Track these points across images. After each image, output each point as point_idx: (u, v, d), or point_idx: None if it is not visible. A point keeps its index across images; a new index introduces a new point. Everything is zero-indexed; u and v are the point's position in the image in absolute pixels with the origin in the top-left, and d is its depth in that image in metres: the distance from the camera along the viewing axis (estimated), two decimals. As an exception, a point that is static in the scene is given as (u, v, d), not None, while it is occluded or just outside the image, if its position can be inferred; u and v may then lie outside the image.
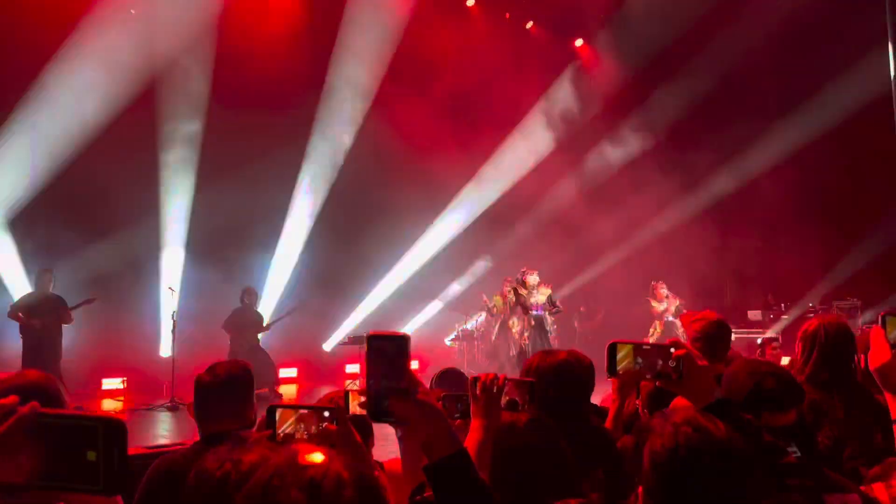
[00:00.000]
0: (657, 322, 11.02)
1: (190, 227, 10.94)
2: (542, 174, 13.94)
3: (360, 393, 1.25)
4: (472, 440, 1.73)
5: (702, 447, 1.30)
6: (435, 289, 13.60)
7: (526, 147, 13.95)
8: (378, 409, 1.23)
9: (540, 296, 10.31)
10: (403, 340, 1.24)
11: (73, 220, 9.61)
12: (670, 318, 10.80)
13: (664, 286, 11.20)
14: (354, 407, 2.06)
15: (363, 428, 2.42)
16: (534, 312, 10.28)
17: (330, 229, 12.16)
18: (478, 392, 1.82)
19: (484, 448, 1.71)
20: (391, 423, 1.26)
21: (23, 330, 8.27)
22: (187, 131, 10.72)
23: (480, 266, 13.68)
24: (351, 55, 11.91)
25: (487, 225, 13.67)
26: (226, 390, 2.50)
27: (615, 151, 14.05)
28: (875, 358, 1.81)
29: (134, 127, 9.99)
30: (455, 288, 13.74)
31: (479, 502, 1.26)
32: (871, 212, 12.44)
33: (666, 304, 11.03)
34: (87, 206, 9.82)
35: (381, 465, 2.19)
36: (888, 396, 1.81)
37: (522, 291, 10.33)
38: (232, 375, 2.53)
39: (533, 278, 10.35)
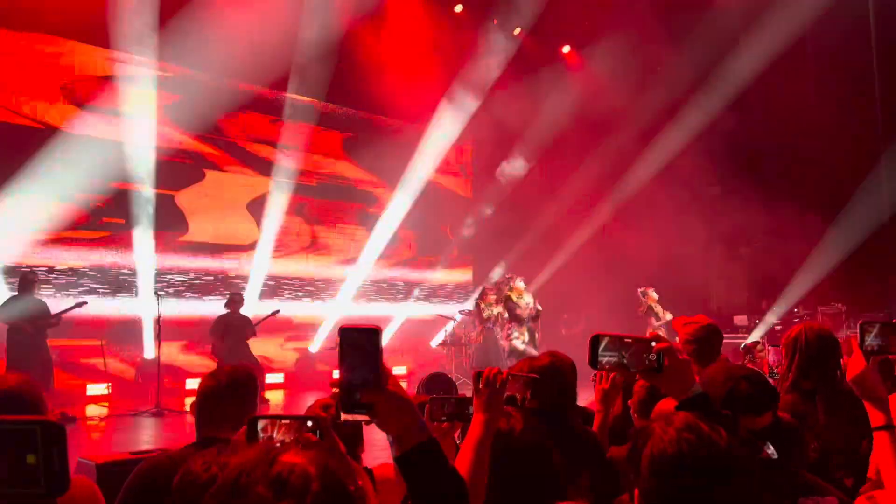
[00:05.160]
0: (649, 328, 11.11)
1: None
2: (524, 179, 14.08)
3: (333, 385, 1.25)
4: (473, 434, 1.73)
5: (705, 455, 1.30)
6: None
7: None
8: (350, 401, 1.23)
9: (529, 297, 10.34)
10: (375, 332, 1.24)
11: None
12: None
13: (652, 290, 11.39)
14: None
15: (353, 435, 2.42)
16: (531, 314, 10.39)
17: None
18: (481, 386, 1.82)
19: (485, 442, 1.71)
20: (363, 415, 1.26)
21: (10, 335, 8.13)
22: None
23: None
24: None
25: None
26: (228, 395, 2.47)
27: (601, 157, 14.12)
28: (851, 368, 1.83)
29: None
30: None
31: (450, 490, 1.27)
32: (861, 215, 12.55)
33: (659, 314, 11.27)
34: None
35: (370, 471, 2.18)
36: (867, 405, 1.82)
37: (515, 298, 10.32)
38: (234, 380, 2.50)
39: (520, 283, 10.36)
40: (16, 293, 8.56)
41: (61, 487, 0.94)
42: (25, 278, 8.53)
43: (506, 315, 10.67)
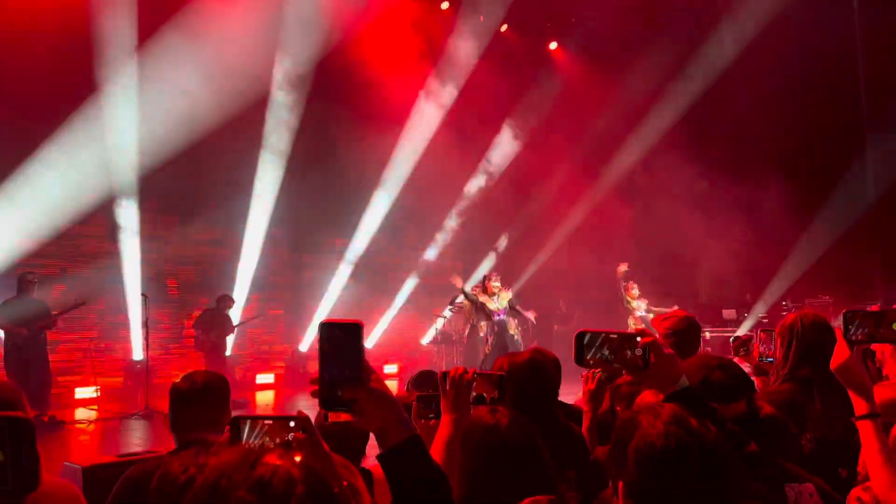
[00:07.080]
0: (632, 319, 11.03)
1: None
2: (515, 174, 14.08)
3: (313, 382, 1.23)
4: (442, 434, 1.74)
5: (692, 449, 1.29)
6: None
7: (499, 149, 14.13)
8: (331, 398, 1.22)
9: (501, 301, 10.23)
10: (357, 328, 1.22)
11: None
12: (643, 313, 10.84)
13: (636, 286, 11.23)
14: (338, 415, 2.05)
15: (360, 436, 2.42)
16: (497, 318, 10.19)
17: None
18: (447, 387, 1.82)
19: (454, 441, 1.71)
20: (345, 412, 1.24)
21: (6, 338, 8.01)
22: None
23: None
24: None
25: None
26: (203, 398, 2.46)
27: (590, 150, 14.15)
28: (835, 357, 1.84)
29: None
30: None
31: (433, 487, 1.27)
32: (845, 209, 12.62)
33: (639, 303, 11.06)
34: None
35: (369, 472, 2.17)
36: (851, 394, 1.83)
37: (483, 297, 10.27)
38: (208, 383, 2.50)
39: (495, 283, 10.29)
40: (12, 296, 8.28)
41: (31, 485, 0.92)
42: (22, 279, 8.30)
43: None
